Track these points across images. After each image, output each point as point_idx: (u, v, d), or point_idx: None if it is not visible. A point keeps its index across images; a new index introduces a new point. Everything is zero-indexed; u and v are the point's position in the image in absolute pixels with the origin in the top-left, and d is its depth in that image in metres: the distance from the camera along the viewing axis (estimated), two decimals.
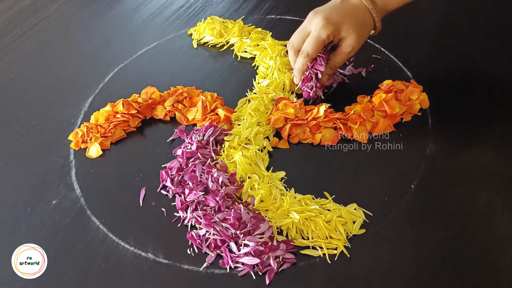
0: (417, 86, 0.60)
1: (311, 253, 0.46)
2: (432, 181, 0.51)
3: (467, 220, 0.48)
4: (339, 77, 0.64)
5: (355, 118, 0.56)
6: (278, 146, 0.57)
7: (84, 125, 0.61)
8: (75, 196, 0.54)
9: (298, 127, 0.57)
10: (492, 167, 0.53)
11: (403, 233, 0.47)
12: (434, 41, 0.71)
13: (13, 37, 0.82)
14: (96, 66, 0.73)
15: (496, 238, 0.46)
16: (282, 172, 0.54)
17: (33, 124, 0.64)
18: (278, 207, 0.49)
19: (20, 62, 0.76)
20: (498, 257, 0.45)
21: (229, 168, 0.54)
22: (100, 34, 0.81)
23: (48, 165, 0.58)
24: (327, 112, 0.57)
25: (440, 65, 0.66)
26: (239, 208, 0.48)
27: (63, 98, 0.68)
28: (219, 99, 0.63)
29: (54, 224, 0.51)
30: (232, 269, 0.45)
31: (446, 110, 0.59)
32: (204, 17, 0.79)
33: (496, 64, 0.65)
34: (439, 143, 0.55)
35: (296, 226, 0.48)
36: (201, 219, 0.48)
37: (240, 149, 0.55)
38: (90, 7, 0.88)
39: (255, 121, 0.58)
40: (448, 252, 0.45)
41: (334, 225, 0.47)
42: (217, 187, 0.50)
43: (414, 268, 0.44)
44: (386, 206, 0.49)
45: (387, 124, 0.57)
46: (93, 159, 0.58)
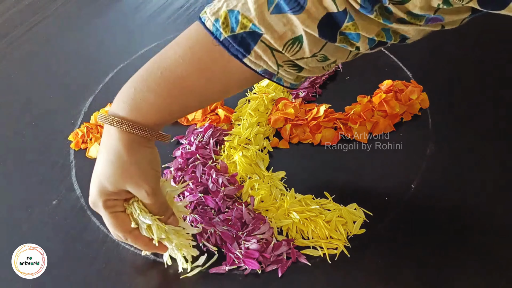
0: (417, 86, 0.60)
1: (311, 253, 0.46)
2: (432, 181, 0.51)
3: (467, 220, 0.48)
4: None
5: (355, 118, 0.56)
6: (278, 146, 0.57)
7: (84, 125, 0.61)
8: (75, 196, 0.54)
9: (298, 127, 0.57)
10: (492, 167, 0.53)
11: (403, 233, 0.47)
12: (434, 41, 0.71)
13: (13, 37, 0.82)
14: (96, 66, 0.73)
15: (496, 238, 0.46)
16: (282, 172, 0.54)
17: (33, 124, 0.64)
18: (278, 207, 0.49)
19: (20, 62, 0.76)
20: (498, 257, 0.45)
21: (229, 168, 0.54)
22: (100, 34, 0.81)
23: (48, 165, 0.58)
24: (327, 112, 0.57)
25: (440, 65, 0.66)
26: (240, 208, 0.48)
27: (63, 98, 0.68)
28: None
29: (54, 224, 0.51)
30: (235, 268, 0.45)
31: (446, 110, 0.59)
32: None
33: (496, 64, 0.65)
34: (439, 143, 0.55)
35: (296, 226, 0.48)
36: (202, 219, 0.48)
37: (240, 149, 0.55)
38: (90, 7, 0.88)
39: (255, 121, 0.58)
40: (448, 252, 0.45)
41: (334, 225, 0.47)
42: (217, 187, 0.50)
43: (414, 268, 0.44)
44: (386, 206, 0.49)
45: (387, 124, 0.57)
46: (93, 159, 0.58)
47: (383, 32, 0.36)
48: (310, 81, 0.63)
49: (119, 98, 0.40)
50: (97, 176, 0.40)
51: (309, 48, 0.36)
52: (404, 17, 0.34)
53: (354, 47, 0.37)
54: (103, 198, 0.41)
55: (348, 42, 0.36)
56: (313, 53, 0.37)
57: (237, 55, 0.37)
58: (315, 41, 0.36)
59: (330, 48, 0.37)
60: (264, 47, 0.36)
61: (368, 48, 0.37)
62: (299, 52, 0.37)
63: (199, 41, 0.38)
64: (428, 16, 0.34)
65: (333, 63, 0.40)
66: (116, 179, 0.39)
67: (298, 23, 0.35)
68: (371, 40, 0.36)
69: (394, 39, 0.37)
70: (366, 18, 0.34)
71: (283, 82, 0.40)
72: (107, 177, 0.39)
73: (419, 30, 0.36)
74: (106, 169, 0.39)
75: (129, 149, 0.39)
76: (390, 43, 0.37)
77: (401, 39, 0.37)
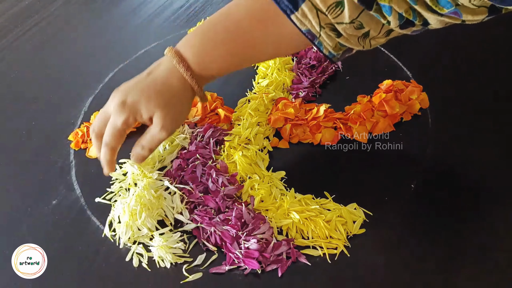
0: (417, 86, 0.60)
1: (311, 253, 0.46)
2: (432, 181, 0.51)
3: (467, 220, 0.48)
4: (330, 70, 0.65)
5: (355, 118, 0.56)
6: (278, 146, 0.57)
7: (84, 125, 0.61)
8: (75, 196, 0.54)
9: (298, 127, 0.57)
10: (492, 167, 0.53)
11: (403, 233, 0.47)
12: (434, 41, 0.71)
13: (13, 37, 0.82)
14: (96, 66, 0.73)
15: (496, 238, 0.46)
16: (282, 172, 0.54)
17: (33, 124, 0.64)
18: (278, 207, 0.49)
19: (20, 63, 0.76)
20: (499, 257, 0.45)
21: (229, 168, 0.54)
22: (100, 34, 0.81)
23: (48, 165, 0.58)
24: (327, 112, 0.57)
25: (440, 65, 0.66)
26: (240, 208, 0.48)
27: (63, 98, 0.68)
28: (219, 99, 0.63)
29: (54, 224, 0.51)
30: (235, 268, 0.45)
31: (446, 110, 0.59)
32: (204, 17, 0.79)
33: (496, 63, 0.65)
34: (439, 143, 0.55)
35: (296, 226, 0.48)
36: (202, 218, 0.48)
37: (240, 149, 0.55)
38: (90, 7, 0.88)
39: (255, 121, 0.58)
40: (448, 252, 0.45)
41: (334, 225, 0.47)
42: (217, 187, 0.50)
43: (414, 268, 0.44)
44: (386, 206, 0.49)
45: (387, 124, 0.57)
46: (93, 159, 0.58)
47: (410, 10, 0.39)
48: (310, 81, 0.63)
49: (187, 41, 0.46)
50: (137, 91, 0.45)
51: (349, 13, 0.40)
52: (427, 0, 0.37)
53: (386, 21, 0.40)
54: (128, 115, 0.45)
55: (381, 14, 0.40)
56: (351, 19, 0.40)
57: (286, 10, 0.41)
58: (354, 7, 0.40)
59: (366, 16, 0.40)
60: (310, 6, 0.40)
61: (398, 25, 0.40)
62: (340, 16, 0.40)
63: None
64: (449, 7, 0.37)
65: (366, 35, 0.43)
66: (158, 102, 0.45)
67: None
68: (401, 16, 0.39)
69: (418, 20, 0.39)
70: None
71: (322, 48, 0.44)
72: (149, 98, 0.44)
73: (439, 19, 0.39)
74: (151, 91, 0.45)
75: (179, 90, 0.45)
76: (417, 24, 0.40)
77: (424, 23, 0.40)
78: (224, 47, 0.45)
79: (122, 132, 0.46)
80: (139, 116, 0.45)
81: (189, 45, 0.46)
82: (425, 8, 0.38)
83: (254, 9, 0.44)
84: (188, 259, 0.46)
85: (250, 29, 0.44)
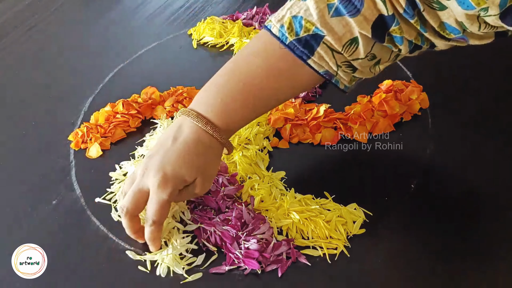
0: (417, 86, 0.60)
1: (311, 253, 0.46)
2: (432, 181, 0.51)
3: (468, 220, 0.48)
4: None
5: (355, 118, 0.56)
6: (278, 146, 0.57)
7: (84, 125, 0.61)
8: (75, 196, 0.54)
9: (298, 127, 0.57)
10: (492, 167, 0.53)
11: (403, 233, 0.47)
12: None
13: (13, 37, 0.82)
14: (96, 66, 0.73)
15: (496, 238, 0.46)
16: (282, 172, 0.54)
17: (33, 124, 0.64)
18: (278, 207, 0.49)
19: (20, 62, 0.76)
20: (499, 257, 0.45)
21: (229, 168, 0.54)
22: (100, 34, 0.81)
23: (48, 165, 0.58)
24: (327, 112, 0.57)
25: (440, 65, 0.66)
26: (240, 208, 0.48)
27: (63, 98, 0.68)
28: None
29: (54, 224, 0.51)
30: (234, 268, 0.45)
31: (446, 110, 0.59)
32: (204, 17, 0.79)
33: (496, 63, 0.65)
34: (439, 143, 0.55)
35: (296, 226, 0.48)
36: (202, 218, 0.48)
37: (240, 149, 0.55)
38: (90, 7, 0.88)
39: (255, 121, 0.58)
40: (448, 252, 0.45)
41: (334, 225, 0.47)
42: (217, 187, 0.50)
43: (415, 268, 0.44)
44: (386, 206, 0.49)
45: (387, 124, 0.57)
46: (93, 159, 0.58)
47: (419, 36, 0.41)
48: None
49: (203, 102, 0.45)
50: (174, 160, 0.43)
51: (364, 48, 0.41)
52: (435, 26, 0.38)
53: (397, 49, 0.42)
54: (173, 187, 0.43)
55: (393, 44, 0.41)
56: (366, 53, 0.42)
57: (302, 56, 0.42)
58: (367, 42, 0.41)
59: (377, 47, 0.42)
60: (326, 48, 0.41)
61: (408, 51, 0.42)
62: (355, 53, 0.42)
63: (267, 50, 0.44)
64: (457, 33, 0.38)
65: (377, 63, 0.44)
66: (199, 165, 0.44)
67: (355, 25, 0.39)
68: (410, 43, 0.41)
69: (426, 44, 0.42)
70: (408, 23, 0.39)
71: (339, 84, 0.46)
72: (191, 164, 0.43)
73: (446, 44, 0.41)
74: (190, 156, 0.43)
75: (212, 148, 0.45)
76: (424, 48, 0.42)
77: (430, 46, 0.42)
78: (245, 108, 0.45)
79: (169, 206, 0.44)
80: (183, 184, 0.44)
81: (206, 104, 0.45)
82: (433, 35, 0.40)
83: (268, 66, 0.44)
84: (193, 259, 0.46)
85: (268, 85, 0.45)
